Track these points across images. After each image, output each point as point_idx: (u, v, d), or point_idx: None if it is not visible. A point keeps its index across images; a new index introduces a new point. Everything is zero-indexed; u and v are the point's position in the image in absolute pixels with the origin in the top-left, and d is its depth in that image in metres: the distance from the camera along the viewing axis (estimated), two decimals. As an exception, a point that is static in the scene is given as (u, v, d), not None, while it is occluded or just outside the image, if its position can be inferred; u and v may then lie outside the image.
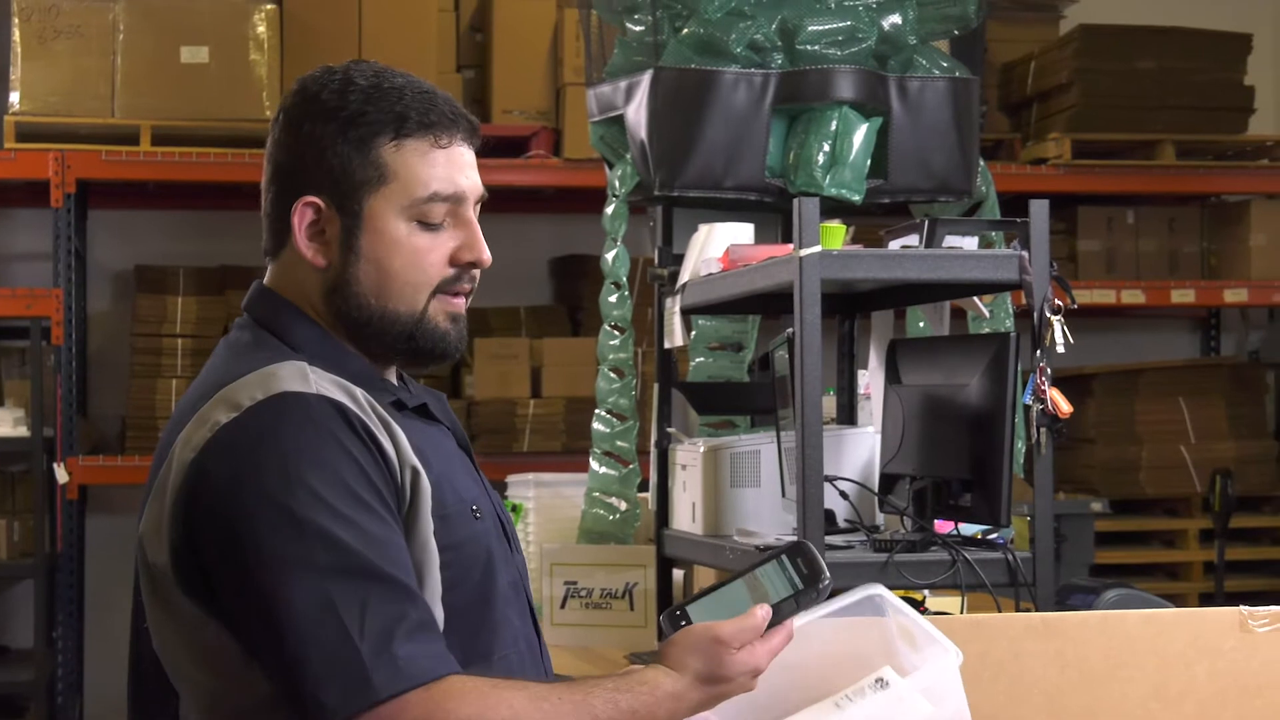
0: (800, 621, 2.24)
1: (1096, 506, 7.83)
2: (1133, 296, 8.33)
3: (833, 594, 2.27)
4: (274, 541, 2.09)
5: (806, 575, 2.18)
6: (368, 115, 2.30)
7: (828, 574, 2.18)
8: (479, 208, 2.39)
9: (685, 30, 4.49)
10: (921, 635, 2.20)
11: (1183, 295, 8.39)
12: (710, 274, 4.16)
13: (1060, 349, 3.58)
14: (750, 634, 2.16)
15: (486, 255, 2.35)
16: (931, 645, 2.18)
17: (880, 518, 4.03)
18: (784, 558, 2.20)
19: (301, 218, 2.33)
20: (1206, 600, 7.95)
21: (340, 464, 2.12)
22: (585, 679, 2.16)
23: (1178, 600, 6.12)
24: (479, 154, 2.40)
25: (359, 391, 2.22)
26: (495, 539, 2.32)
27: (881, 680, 2.11)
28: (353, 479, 2.12)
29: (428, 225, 2.30)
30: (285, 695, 2.07)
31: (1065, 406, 3.62)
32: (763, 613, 2.16)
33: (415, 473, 2.20)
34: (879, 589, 2.31)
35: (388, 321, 2.30)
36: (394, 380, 2.40)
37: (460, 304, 2.36)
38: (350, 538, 2.08)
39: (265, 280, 2.39)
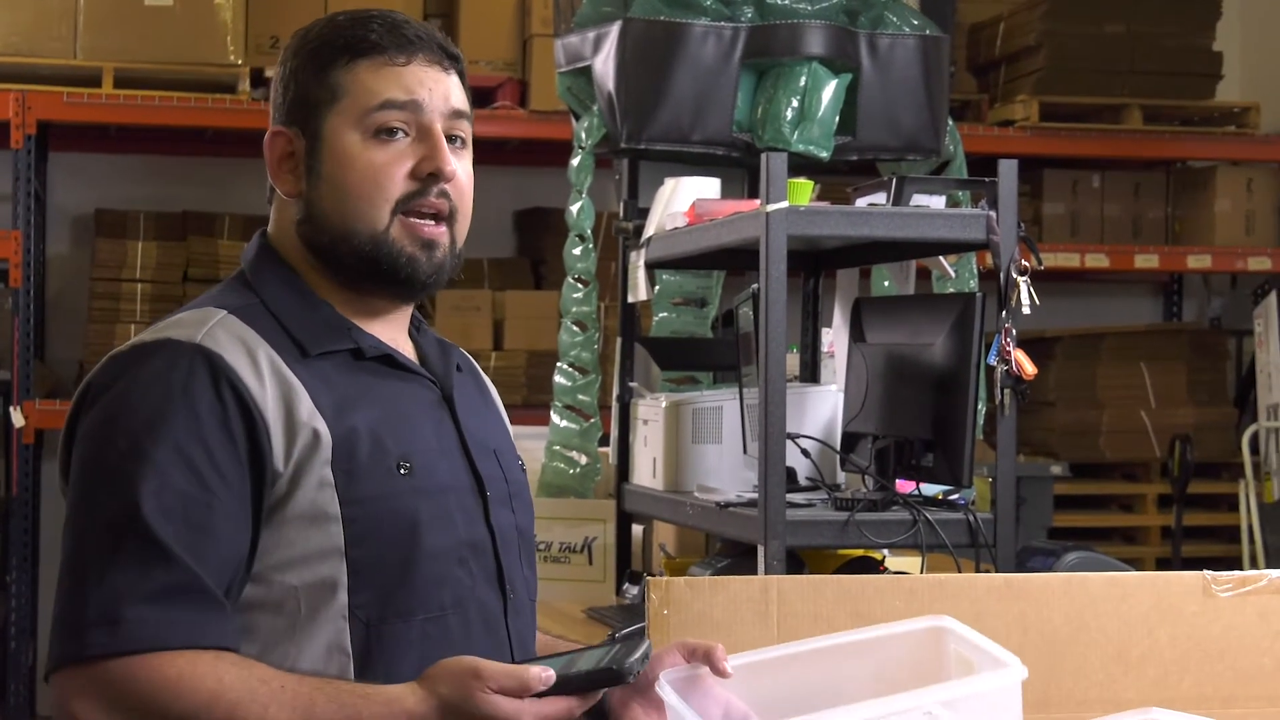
0: (862, 636, 2.19)
1: (1056, 470, 7.86)
2: (1096, 260, 8.34)
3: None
4: (80, 480, 2.13)
5: (616, 657, 2.03)
6: (329, 42, 2.30)
7: (630, 671, 2.01)
8: (467, 130, 2.36)
9: (655, -18, 4.46)
10: (982, 660, 2.14)
11: (1146, 260, 8.39)
12: (676, 228, 4.14)
13: (1026, 310, 3.58)
14: (511, 680, 1.99)
15: (449, 166, 2.29)
16: (993, 668, 2.11)
17: (842, 476, 4.03)
18: (616, 646, 2.07)
19: (271, 149, 2.33)
20: (1163, 565, 7.98)
21: (177, 416, 2.11)
22: (328, 679, 2.07)
23: (1135, 565, 6.13)
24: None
25: (263, 349, 2.19)
26: (437, 497, 2.25)
27: (930, 715, 2.02)
28: (181, 431, 2.10)
29: (384, 138, 2.27)
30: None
31: (1030, 368, 3.61)
32: (538, 669, 2.01)
33: (313, 432, 2.16)
34: (947, 620, 2.24)
35: (349, 243, 2.27)
36: (401, 328, 2.37)
37: (433, 231, 2.30)
38: (142, 490, 2.07)
39: (268, 226, 2.39)
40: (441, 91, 2.32)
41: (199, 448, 2.11)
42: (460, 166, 2.34)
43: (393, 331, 2.37)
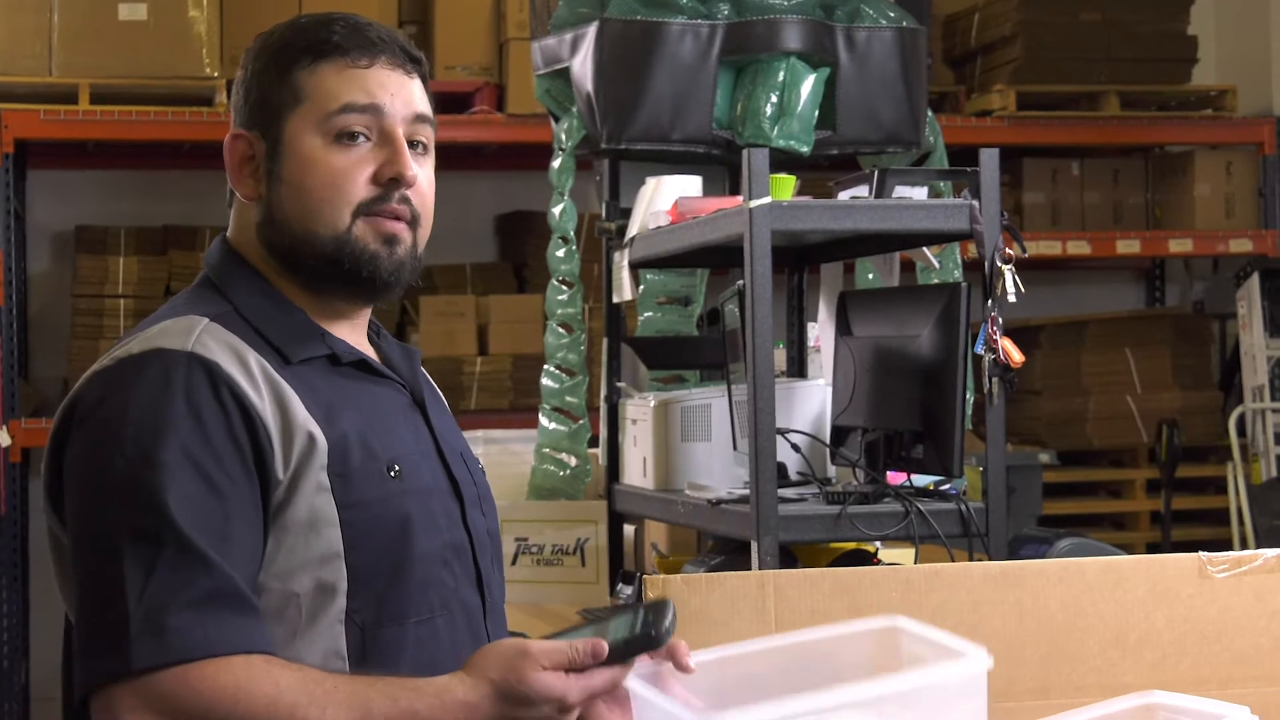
0: (818, 635, 2.18)
1: (1044, 458, 7.86)
2: (1078, 248, 8.35)
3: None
4: (90, 496, 2.09)
5: (649, 623, 2.04)
6: (291, 44, 2.30)
7: (667, 634, 2.04)
8: (429, 134, 2.34)
9: (631, -19, 4.46)
10: (941, 656, 2.12)
11: (1128, 246, 8.41)
12: (658, 227, 4.14)
13: (1012, 298, 3.58)
14: (560, 656, 2.02)
15: (410, 171, 2.27)
16: (950, 660, 2.09)
17: (832, 470, 4.03)
18: (642, 610, 2.08)
19: (231, 152, 2.32)
20: (1154, 549, 7.99)
21: (181, 424, 2.09)
22: (376, 676, 2.07)
23: (1125, 550, 6.12)
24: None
25: (251, 355, 2.18)
26: (424, 499, 2.26)
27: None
28: (190, 440, 2.09)
29: (345, 142, 2.25)
30: (75, 653, 2.06)
31: (1017, 356, 3.61)
32: (583, 642, 2.03)
33: (308, 436, 2.16)
34: (900, 619, 2.23)
35: (311, 245, 2.25)
36: (361, 335, 2.37)
37: (395, 227, 2.28)
38: (163, 500, 2.05)
39: (227, 232, 2.37)
40: (404, 96, 2.30)
41: (209, 455, 2.10)
42: (421, 172, 2.32)
43: (357, 336, 2.37)
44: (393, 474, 2.22)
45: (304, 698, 2.01)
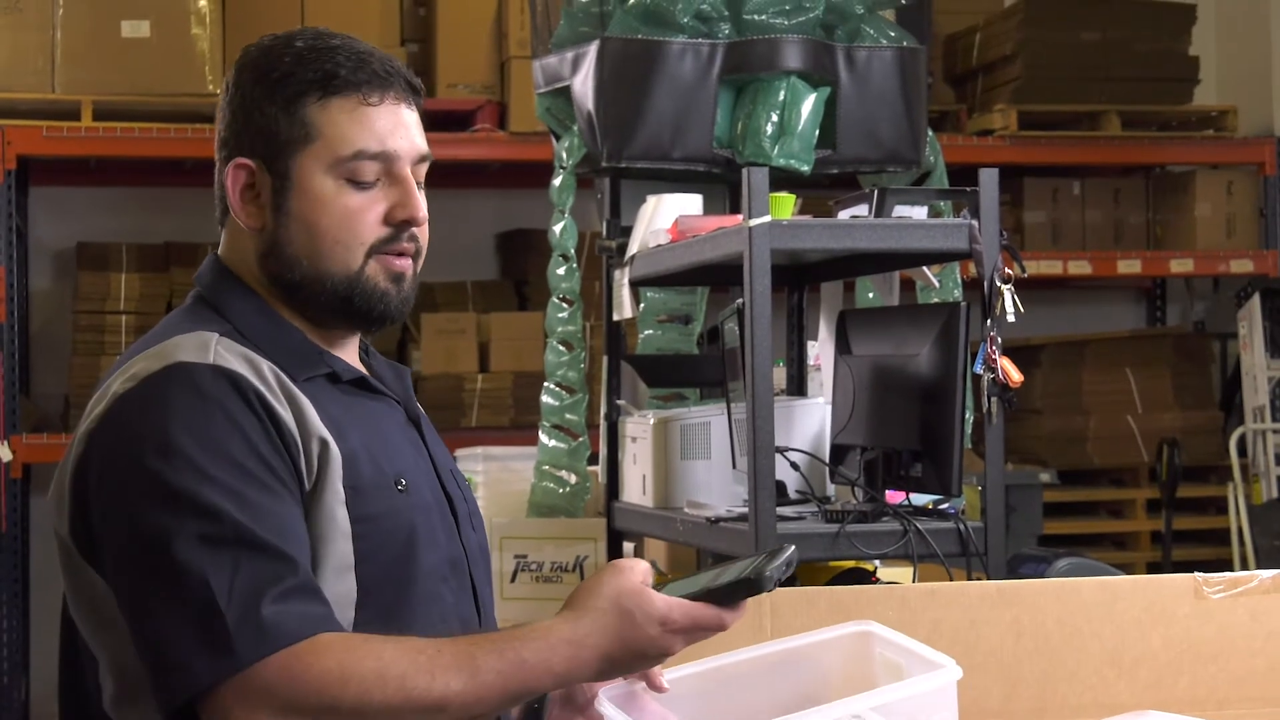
0: (791, 645, 2.18)
1: (1045, 477, 7.85)
2: (1079, 267, 8.35)
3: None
4: (148, 512, 2.07)
5: (757, 568, 2.04)
6: (296, 75, 2.27)
7: (770, 581, 2.02)
8: (425, 169, 2.35)
9: (631, 0, 4.46)
10: (913, 663, 2.13)
11: (1128, 266, 8.41)
12: (659, 246, 4.15)
13: (1011, 318, 3.58)
14: (659, 582, 2.05)
15: (421, 213, 2.28)
16: (923, 669, 2.10)
17: (831, 489, 4.03)
18: (763, 554, 2.07)
19: (234, 181, 2.30)
20: (1154, 569, 7.98)
21: (223, 434, 2.09)
22: (475, 634, 2.09)
23: (1125, 570, 6.13)
24: (424, 127, 2.36)
25: (265, 365, 2.19)
26: (426, 514, 2.27)
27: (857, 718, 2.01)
28: (236, 448, 2.09)
29: (358, 184, 2.26)
30: (154, 668, 2.04)
31: (1016, 375, 3.61)
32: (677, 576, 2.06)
33: (324, 444, 2.16)
34: (871, 624, 2.24)
35: (321, 283, 2.26)
36: (353, 354, 2.37)
37: (403, 264, 2.29)
38: (226, 506, 2.05)
39: (218, 250, 2.36)
40: (410, 135, 2.30)
41: (257, 461, 2.10)
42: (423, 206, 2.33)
43: (349, 355, 2.38)
44: (400, 487, 2.24)
45: (410, 666, 2.01)
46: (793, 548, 2.07)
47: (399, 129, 2.28)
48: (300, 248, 2.26)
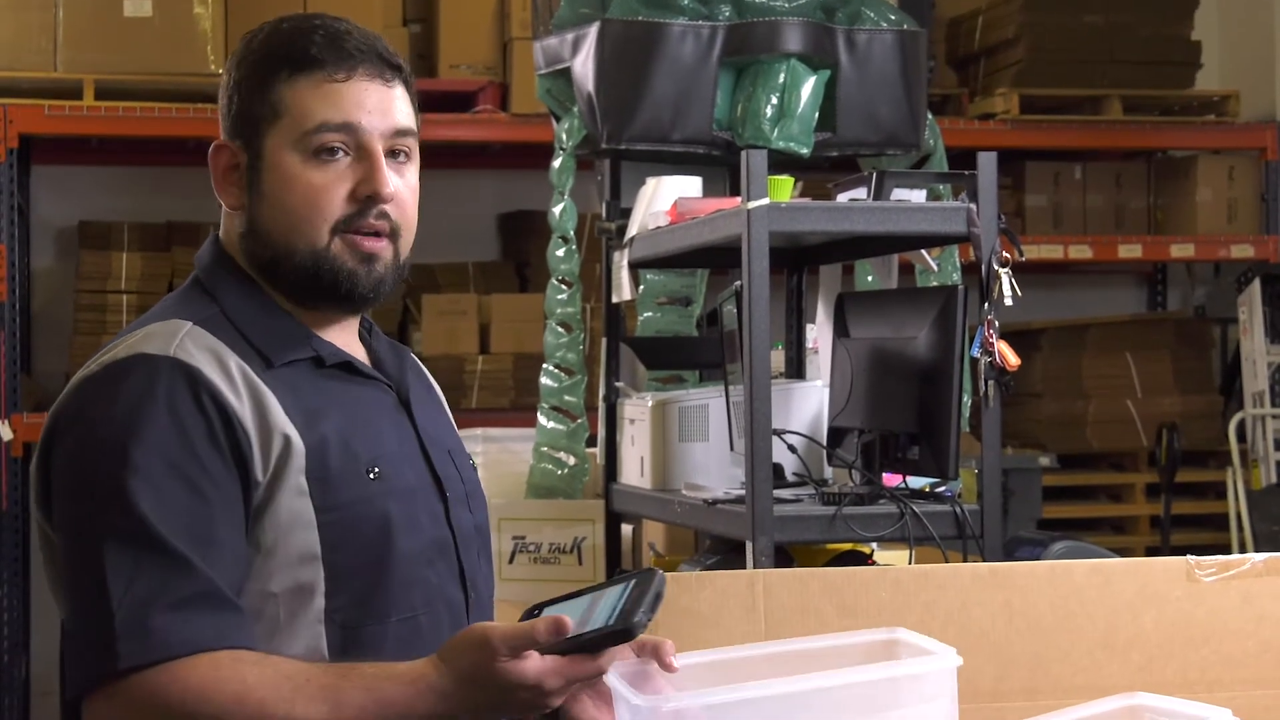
0: (815, 645, 2.19)
1: (1044, 461, 7.86)
2: (1080, 251, 8.35)
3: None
4: (77, 500, 2.12)
5: (625, 613, 2.00)
6: (271, 55, 2.29)
7: (641, 624, 1.98)
8: (411, 145, 2.34)
9: (632, -18, 4.47)
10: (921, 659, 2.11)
11: (1129, 250, 8.41)
12: (658, 228, 4.15)
13: (1008, 301, 3.59)
14: (522, 640, 1.99)
15: (387, 188, 2.26)
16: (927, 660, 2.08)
17: (828, 471, 4.04)
18: (632, 585, 2.04)
19: (216, 162, 2.33)
20: (1153, 554, 7.99)
21: (162, 430, 2.12)
22: (351, 665, 2.07)
23: (1124, 554, 6.13)
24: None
25: (233, 358, 2.20)
26: (406, 500, 2.27)
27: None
28: (172, 446, 2.11)
29: (323, 159, 2.26)
30: (61, 656, 2.10)
31: (1013, 359, 3.62)
32: (545, 626, 1.99)
33: (285, 439, 2.18)
34: (900, 631, 2.21)
35: (291, 259, 2.27)
36: (350, 336, 2.38)
37: (374, 245, 2.28)
38: (146, 505, 2.07)
39: (219, 230, 2.38)
40: (382, 109, 2.28)
41: (191, 460, 2.12)
42: (402, 181, 2.31)
43: (346, 337, 2.38)
44: (372, 475, 2.24)
45: (272, 694, 2.02)
46: (661, 574, 2.05)
47: (367, 103, 2.27)
48: (271, 224, 2.28)
